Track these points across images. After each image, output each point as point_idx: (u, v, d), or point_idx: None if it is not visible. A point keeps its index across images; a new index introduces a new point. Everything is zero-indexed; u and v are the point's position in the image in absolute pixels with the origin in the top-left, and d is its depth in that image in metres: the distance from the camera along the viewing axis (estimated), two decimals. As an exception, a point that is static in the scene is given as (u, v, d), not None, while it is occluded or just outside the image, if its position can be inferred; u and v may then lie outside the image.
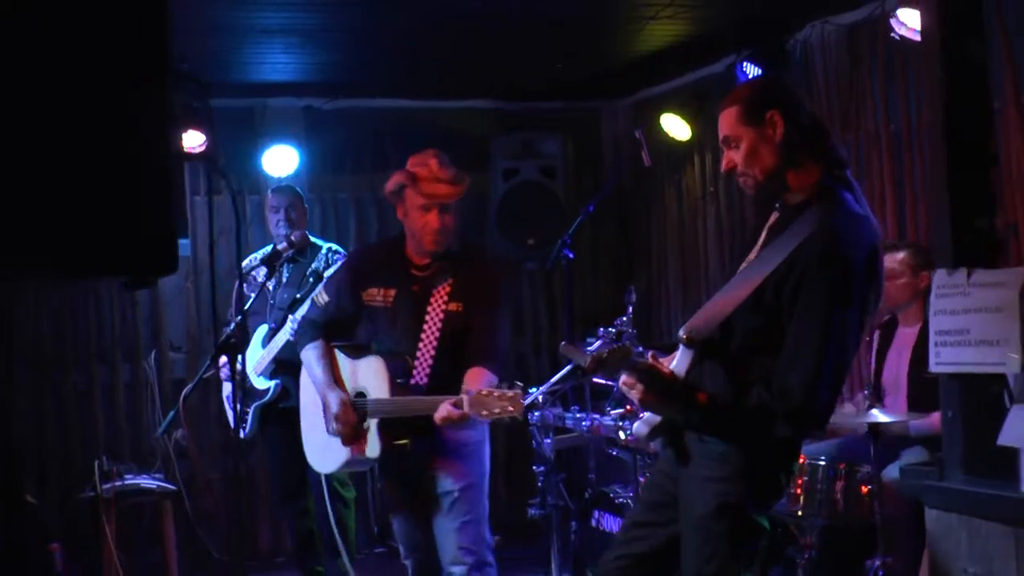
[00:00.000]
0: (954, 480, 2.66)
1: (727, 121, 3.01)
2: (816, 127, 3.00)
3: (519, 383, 3.88)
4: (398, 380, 4.06)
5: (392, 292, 4.18)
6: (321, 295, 4.40)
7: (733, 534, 2.99)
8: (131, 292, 5.91)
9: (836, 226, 2.82)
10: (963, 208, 2.62)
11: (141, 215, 1.93)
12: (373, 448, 4.07)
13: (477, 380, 3.93)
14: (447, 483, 4.08)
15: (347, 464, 4.25)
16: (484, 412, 3.76)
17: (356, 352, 4.30)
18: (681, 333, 2.94)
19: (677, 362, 2.98)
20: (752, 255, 3.02)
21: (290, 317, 5.49)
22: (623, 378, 2.96)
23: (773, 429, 2.82)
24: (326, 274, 5.35)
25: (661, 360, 3.08)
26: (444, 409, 3.86)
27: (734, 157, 3.01)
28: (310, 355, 4.31)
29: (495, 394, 3.75)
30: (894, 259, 4.97)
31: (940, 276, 2.76)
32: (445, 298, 4.10)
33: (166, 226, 2.01)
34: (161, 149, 1.99)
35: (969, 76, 2.60)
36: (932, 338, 2.73)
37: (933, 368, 2.73)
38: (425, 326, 4.09)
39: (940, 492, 2.67)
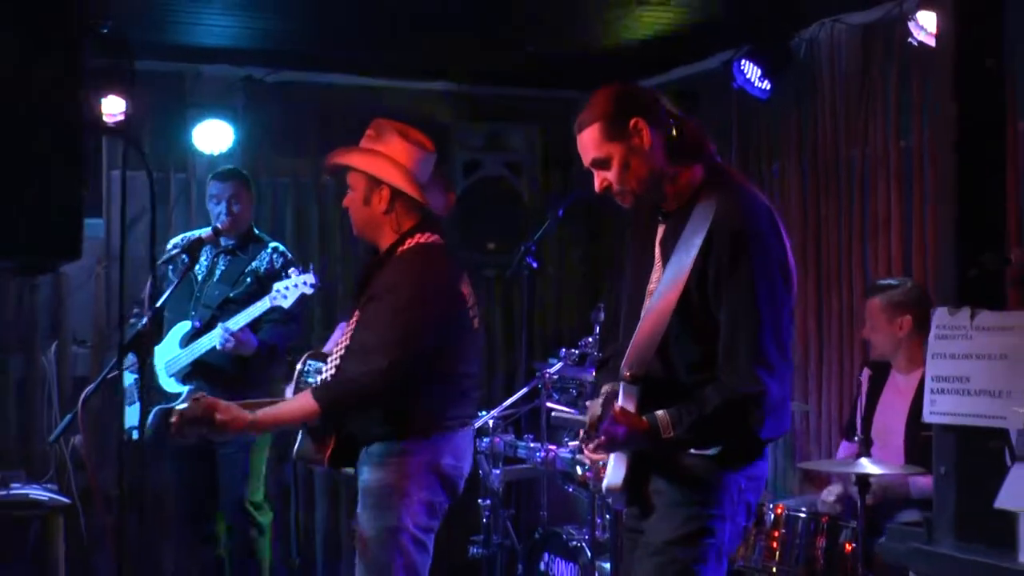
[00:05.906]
0: (944, 545, 2.69)
1: (591, 143, 3.21)
2: (681, 124, 3.21)
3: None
4: None
5: None
6: None
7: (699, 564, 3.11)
8: (24, 277, 5.78)
9: (738, 204, 3.13)
10: (970, 240, 2.65)
11: (40, 190, 1.91)
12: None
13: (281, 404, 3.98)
14: (359, 529, 4.01)
15: None
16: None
17: None
18: (624, 372, 3.16)
19: (622, 400, 3.16)
20: (655, 273, 3.25)
21: (221, 326, 5.43)
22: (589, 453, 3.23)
23: (741, 411, 3.03)
24: (282, 287, 5.32)
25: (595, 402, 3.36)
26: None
27: (607, 176, 3.23)
28: None
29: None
30: (869, 307, 5.06)
31: (940, 315, 2.78)
32: (359, 308, 4.03)
33: (70, 204, 1.99)
34: (71, 117, 1.98)
35: (986, 90, 2.64)
36: (928, 384, 2.75)
37: (927, 418, 2.75)
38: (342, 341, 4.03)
39: (928, 557, 2.69)
